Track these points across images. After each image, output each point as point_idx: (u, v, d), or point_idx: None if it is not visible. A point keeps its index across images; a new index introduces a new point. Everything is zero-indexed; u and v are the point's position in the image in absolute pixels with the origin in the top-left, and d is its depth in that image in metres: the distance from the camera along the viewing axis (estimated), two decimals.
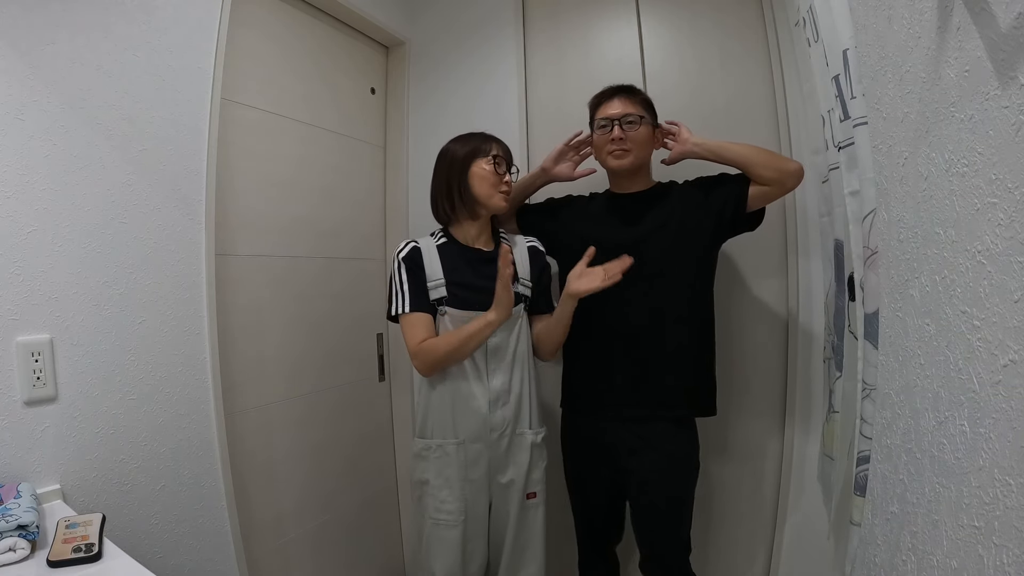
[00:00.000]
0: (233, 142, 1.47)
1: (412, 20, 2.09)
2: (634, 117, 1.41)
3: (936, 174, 0.63)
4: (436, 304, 1.38)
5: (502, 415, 1.38)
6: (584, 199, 1.59)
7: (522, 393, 1.41)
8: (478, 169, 1.38)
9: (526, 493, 1.41)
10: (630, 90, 1.46)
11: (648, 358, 1.41)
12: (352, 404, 1.89)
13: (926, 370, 0.67)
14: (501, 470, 1.40)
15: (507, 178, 1.42)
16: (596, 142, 1.47)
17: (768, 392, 1.67)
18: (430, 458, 1.39)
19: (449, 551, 1.38)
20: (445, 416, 1.38)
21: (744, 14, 1.71)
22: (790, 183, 1.35)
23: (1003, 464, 0.51)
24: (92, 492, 1.12)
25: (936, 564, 0.63)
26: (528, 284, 1.44)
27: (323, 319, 1.77)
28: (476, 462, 1.38)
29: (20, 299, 1.03)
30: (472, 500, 1.38)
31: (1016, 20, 0.48)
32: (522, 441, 1.40)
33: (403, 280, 1.38)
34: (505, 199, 1.41)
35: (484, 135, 1.44)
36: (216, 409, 1.35)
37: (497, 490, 1.41)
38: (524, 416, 1.41)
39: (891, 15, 0.73)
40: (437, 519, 1.38)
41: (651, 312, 1.40)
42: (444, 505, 1.37)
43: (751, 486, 1.72)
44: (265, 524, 1.55)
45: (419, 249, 1.40)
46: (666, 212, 1.43)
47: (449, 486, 1.38)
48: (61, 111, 1.09)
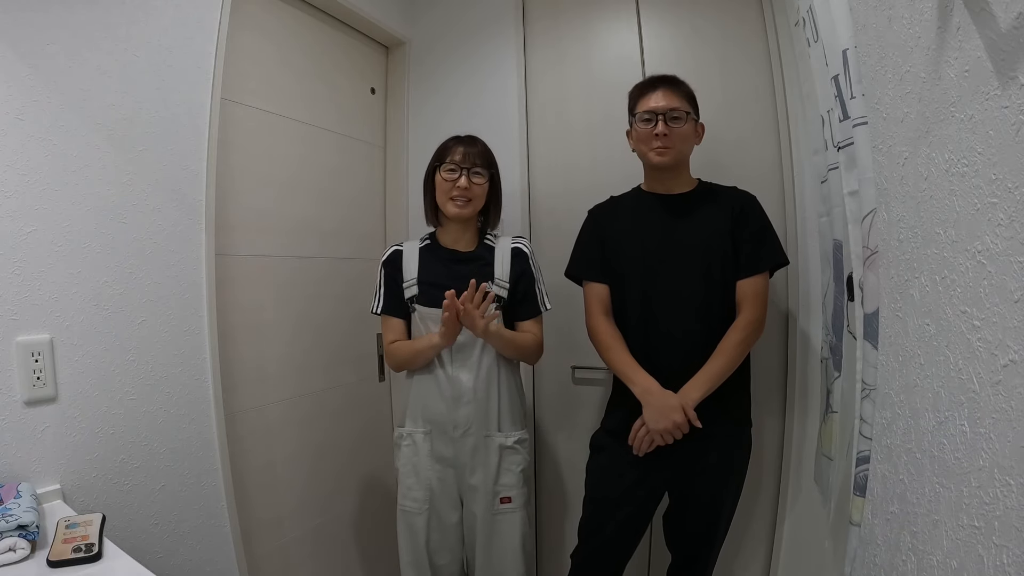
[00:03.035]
0: (233, 142, 1.47)
1: (412, 20, 2.09)
2: (680, 113, 1.36)
3: (936, 174, 0.63)
4: (409, 303, 1.44)
5: (464, 413, 1.40)
6: (611, 207, 1.52)
7: (489, 394, 1.41)
8: (439, 177, 1.44)
9: (499, 498, 1.41)
10: (673, 81, 1.40)
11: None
12: (352, 404, 1.89)
13: (926, 370, 0.67)
14: (469, 470, 1.41)
15: (460, 183, 1.39)
16: (638, 136, 1.41)
17: (767, 392, 1.67)
18: (402, 446, 1.46)
19: (413, 538, 1.42)
20: (416, 406, 1.44)
21: (744, 14, 1.71)
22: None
23: (1003, 464, 0.51)
24: (92, 492, 1.12)
25: (936, 564, 0.63)
26: (505, 284, 1.44)
27: (323, 319, 1.77)
28: (441, 455, 1.42)
29: (20, 299, 1.03)
30: (438, 492, 1.42)
31: (1016, 20, 0.48)
32: (489, 443, 1.41)
33: (380, 283, 1.48)
34: (457, 205, 1.40)
35: (457, 138, 1.47)
36: (216, 409, 1.35)
37: (466, 490, 1.43)
38: (492, 418, 1.41)
39: (891, 15, 0.73)
40: (403, 505, 1.44)
41: (698, 316, 1.37)
42: (410, 492, 1.43)
43: (750, 486, 1.71)
44: (265, 524, 1.55)
45: (400, 252, 1.48)
46: (710, 218, 1.39)
47: (416, 474, 1.43)
48: (61, 111, 1.09)
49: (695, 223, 1.40)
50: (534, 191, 1.92)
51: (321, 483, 1.75)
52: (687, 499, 1.45)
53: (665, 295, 1.38)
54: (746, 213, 1.39)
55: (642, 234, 1.42)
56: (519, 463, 1.43)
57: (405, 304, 1.45)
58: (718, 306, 1.37)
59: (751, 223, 1.39)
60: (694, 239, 1.38)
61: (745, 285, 1.36)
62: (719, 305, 1.37)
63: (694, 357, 1.35)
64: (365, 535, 1.92)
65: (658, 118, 1.36)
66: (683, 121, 1.36)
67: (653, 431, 1.31)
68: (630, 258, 1.42)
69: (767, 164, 1.68)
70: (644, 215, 1.45)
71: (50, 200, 1.07)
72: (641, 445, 1.34)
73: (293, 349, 1.67)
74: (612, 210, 1.51)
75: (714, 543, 1.45)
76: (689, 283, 1.37)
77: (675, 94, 1.38)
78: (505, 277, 1.44)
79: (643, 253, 1.41)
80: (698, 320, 1.36)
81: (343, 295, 1.85)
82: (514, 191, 1.88)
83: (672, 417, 1.28)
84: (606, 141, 1.77)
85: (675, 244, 1.39)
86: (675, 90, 1.39)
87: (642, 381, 1.34)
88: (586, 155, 1.86)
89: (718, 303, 1.37)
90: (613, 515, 1.42)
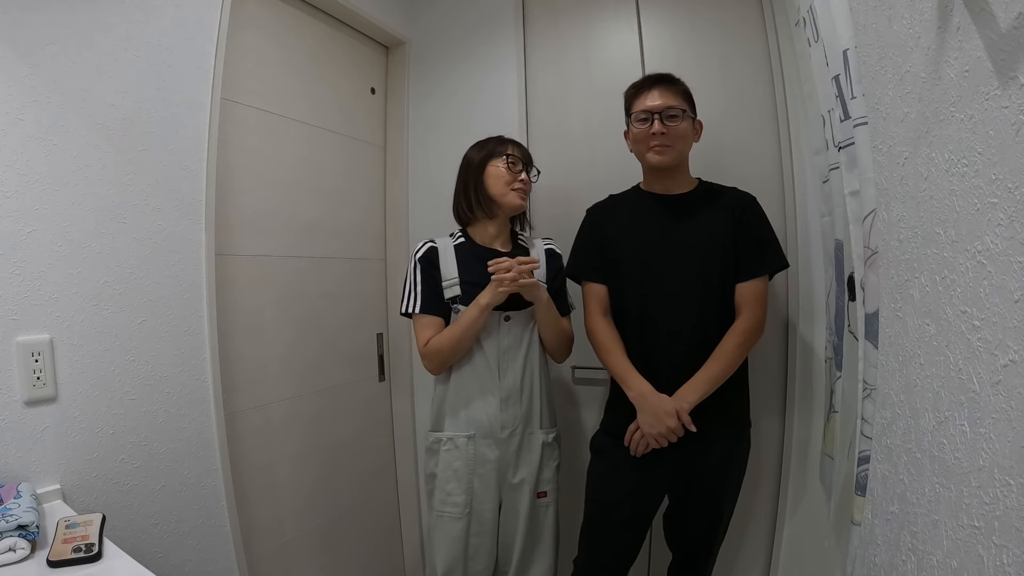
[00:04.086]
0: (233, 142, 1.47)
1: (412, 20, 2.09)
2: (676, 111, 1.35)
3: (936, 174, 0.63)
4: (451, 303, 1.40)
5: (513, 413, 1.40)
6: (610, 206, 1.52)
7: (533, 392, 1.43)
8: (493, 169, 1.43)
9: (537, 492, 1.42)
10: (669, 80, 1.39)
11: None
12: (352, 404, 1.89)
13: (926, 370, 0.67)
14: (512, 469, 1.41)
15: (522, 176, 1.45)
16: (635, 135, 1.40)
17: (767, 392, 1.67)
18: (440, 451, 1.42)
19: (452, 544, 1.39)
20: (458, 411, 1.41)
21: (744, 14, 1.71)
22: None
23: (1003, 464, 0.51)
24: (92, 492, 1.12)
25: (936, 564, 0.63)
26: (544, 284, 1.44)
27: (323, 319, 1.77)
28: (485, 458, 1.40)
29: (20, 299, 1.03)
30: (479, 495, 1.40)
31: (1016, 20, 0.48)
32: (533, 441, 1.42)
33: (416, 280, 1.41)
34: (520, 196, 1.44)
35: (501, 138, 1.48)
36: (216, 409, 1.35)
37: (508, 490, 1.42)
38: (535, 416, 1.43)
39: (891, 15, 0.73)
40: (442, 511, 1.40)
41: (697, 318, 1.37)
42: (450, 498, 1.40)
43: (751, 486, 1.71)
44: (265, 524, 1.55)
45: (436, 249, 1.43)
46: (711, 220, 1.38)
47: (456, 479, 1.39)
48: (61, 111, 1.09)
49: (695, 224, 1.39)
50: (534, 190, 1.91)
51: (321, 483, 1.75)
52: (687, 499, 1.44)
53: (663, 296, 1.38)
54: (748, 216, 1.39)
55: (641, 234, 1.42)
56: (555, 458, 1.47)
57: (446, 304, 1.41)
58: (717, 307, 1.36)
59: (753, 226, 1.38)
60: (693, 240, 1.38)
61: (744, 288, 1.36)
62: (718, 307, 1.36)
63: (692, 358, 1.34)
64: (365, 535, 1.92)
65: (654, 117, 1.35)
66: (680, 119, 1.35)
67: (648, 435, 1.31)
68: (628, 258, 1.42)
69: (768, 164, 1.67)
70: (643, 215, 1.44)
71: (50, 200, 1.07)
72: (637, 448, 1.35)
73: (293, 349, 1.67)
74: (611, 209, 1.51)
75: (714, 541, 1.46)
76: (688, 284, 1.36)
77: (671, 92, 1.37)
78: (543, 277, 1.46)
79: (641, 253, 1.40)
80: (697, 321, 1.36)
81: (343, 295, 1.85)
82: None
83: (666, 422, 1.28)
84: (606, 140, 1.77)
85: (674, 245, 1.38)
86: (671, 88, 1.38)
87: (637, 385, 1.34)
88: (586, 154, 1.86)
89: (717, 305, 1.36)
90: (615, 518, 1.42)
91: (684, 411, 1.29)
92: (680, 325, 1.36)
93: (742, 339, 1.34)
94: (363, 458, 1.93)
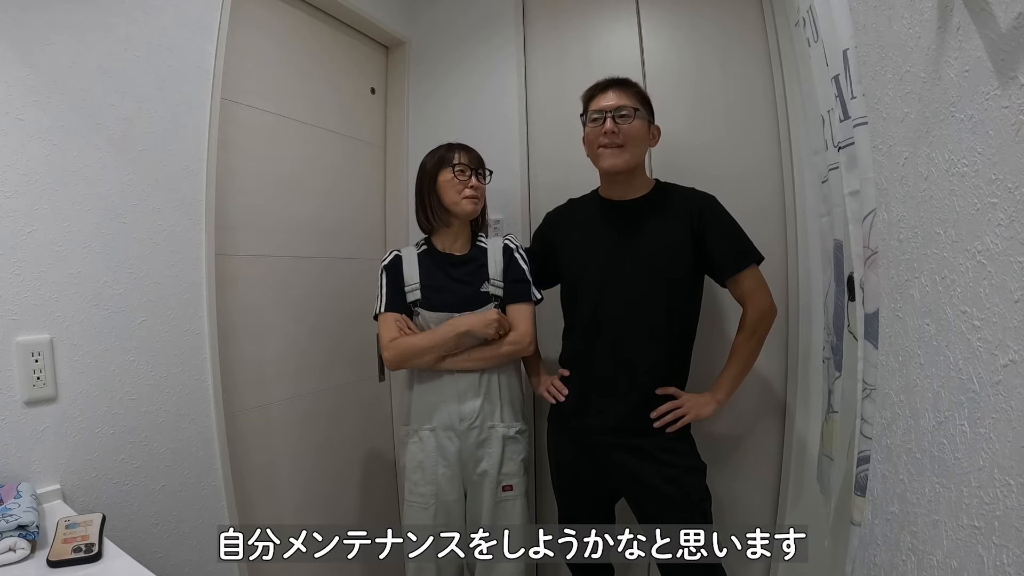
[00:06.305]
0: (233, 142, 1.47)
1: (412, 20, 2.09)
2: (628, 110, 1.35)
3: (936, 174, 0.63)
4: (412, 305, 1.47)
5: (471, 407, 1.45)
6: (568, 212, 1.54)
7: (491, 387, 1.47)
8: (444, 178, 1.47)
9: (501, 486, 1.45)
10: (624, 83, 1.41)
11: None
12: (352, 404, 1.89)
13: (926, 370, 0.67)
14: (474, 461, 1.45)
15: (473, 182, 1.47)
16: (588, 137, 1.42)
17: (767, 392, 1.67)
18: (408, 443, 1.50)
19: (420, 532, 1.44)
20: (422, 405, 1.48)
21: (744, 14, 1.71)
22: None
23: (1003, 464, 0.51)
24: (92, 492, 1.12)
25: (936, 564, 0.63)
26: (499, 283, 1.48)
27: (323, 319, 1.77)
28: (447, 450, 1.45)
29: (20, 299, 1.03)
30: (445, 487, 1.45)
31: (1016, 20, 0.48)
32: (493, 434, 1.46)
33: (382, 284, 1.49)
34: (472, 203, 1.46)
35: (449, 145, 1.51)
36: (216, 409, 1.35)
37: (471, 480, 1.47)
38: (496, 410, 1.47)
39: (891, 15, 0.73)
40: (411, 501, 1.48)
41: (651, 334, 1.37)
42: (416, 487, 1.47)
43: (750, 486, 1.72)
44: (265, 524, 1.54)
45: (400, 257, 1.51)
46: (664, 229, 1.38)
47: (421, 470, 1.46)
48: (61, 111, 1.09)
49: (650, 233, 1.38)
50: (534, 190, 1.92)
51: (321, 483, 1.74)
52: (639, 495, 1.43)
53: (614, 305, 1.38)
54: (706, 215, 1.37)
55: (593, 245, 1.43)
56: (520, 452, 1.49)
57: (408, 306, 1.48)
58: (663, 316, 1.36)
59: (717, 222, 1.37)
60: (646, 251, 1.37)
61: (740, 282, 1.36)
62: (664, 315, 1.36)
63: (641, 371, 1.36)
64: None
65: (606, 116, 1.36)
66: (631, 118, 1.35)
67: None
68: (582, 268, 1.43)
69: (767, 164, 1.67)
70: (596, 225, 1.45)
71: (50, 200, 1.07)
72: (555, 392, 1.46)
73: (293, 349, 1.67)
74: (568, 215, 1.53)
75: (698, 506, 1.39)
76: (642, 296, 1.36)
77: (624, 93, 1.38)
78: (499, 276, 1.49)
79: (594, 265, 1.41)
80: (650, 338, 1.36)
81: (343, 295, 1.85)
82: (514, 190, 1.88)
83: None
84: None
85: (625, 256, 1.38)
86: (625, 90, 1.39)
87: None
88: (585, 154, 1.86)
89: (663, 313, 1.36)
90: (583, 518, 1.47)
91: (720, 402, 1.37)
92: (629, 341, 1.37)
93: (749, 332, 1.37)
94: (363, 458, 1.93)
